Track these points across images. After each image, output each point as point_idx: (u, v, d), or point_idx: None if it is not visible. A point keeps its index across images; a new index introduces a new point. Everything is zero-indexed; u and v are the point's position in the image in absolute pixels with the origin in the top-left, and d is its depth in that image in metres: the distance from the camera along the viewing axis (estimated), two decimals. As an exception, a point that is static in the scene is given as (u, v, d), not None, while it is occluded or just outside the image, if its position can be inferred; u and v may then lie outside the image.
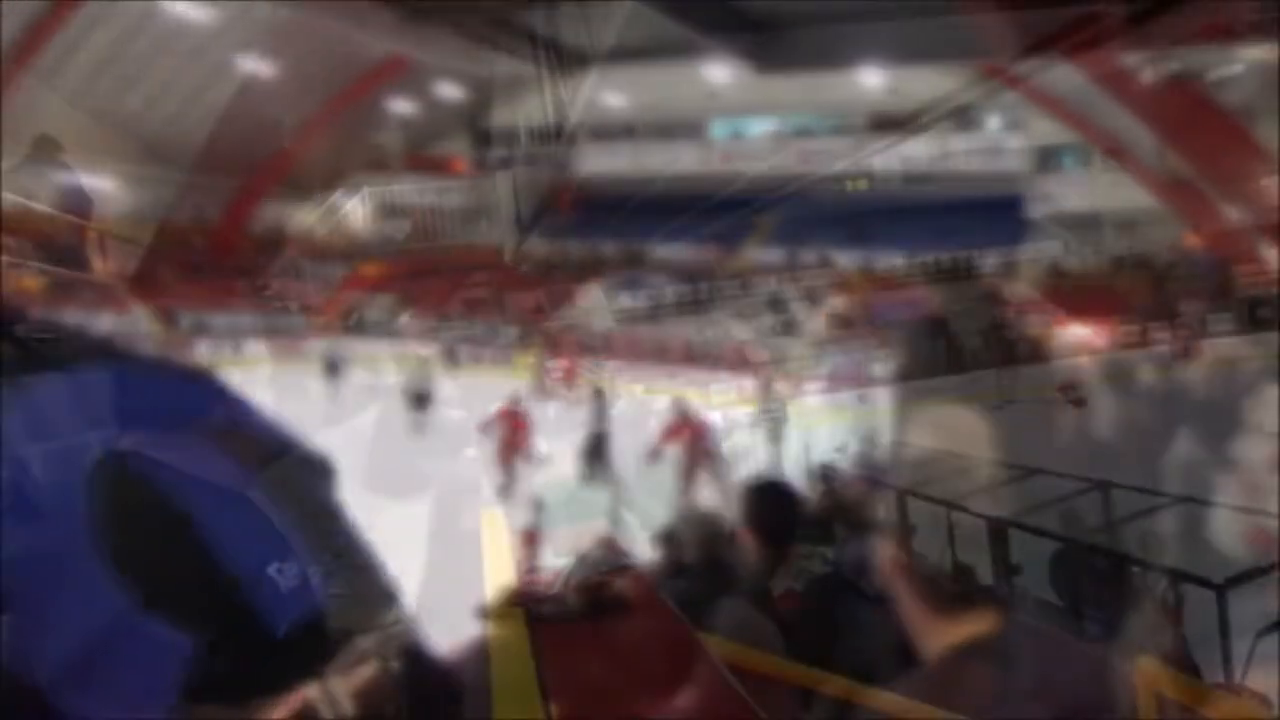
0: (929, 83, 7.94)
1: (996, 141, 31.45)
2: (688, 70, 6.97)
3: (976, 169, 32.83)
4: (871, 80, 7.65)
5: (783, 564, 2.86)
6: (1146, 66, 18.35)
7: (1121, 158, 25.64)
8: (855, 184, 33.65)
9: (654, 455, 7.36)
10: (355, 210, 13.35)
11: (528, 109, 9.63)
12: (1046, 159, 31.55)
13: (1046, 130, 28.66)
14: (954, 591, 1.63)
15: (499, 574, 2.35)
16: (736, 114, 8.35)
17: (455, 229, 13.97)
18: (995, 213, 31.18)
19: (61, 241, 6.00)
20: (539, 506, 3.48)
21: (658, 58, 6.63)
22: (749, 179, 11.22)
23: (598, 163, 9.52)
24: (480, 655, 1.81)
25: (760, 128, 8.82)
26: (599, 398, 9.51)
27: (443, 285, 18.29)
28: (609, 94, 7.07)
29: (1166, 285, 24.38)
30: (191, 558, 1.16)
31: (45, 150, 6.37)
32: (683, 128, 8.59)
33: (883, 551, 3.09)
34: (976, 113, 24.68)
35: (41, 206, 5.75)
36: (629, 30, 6.04)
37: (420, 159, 13.77)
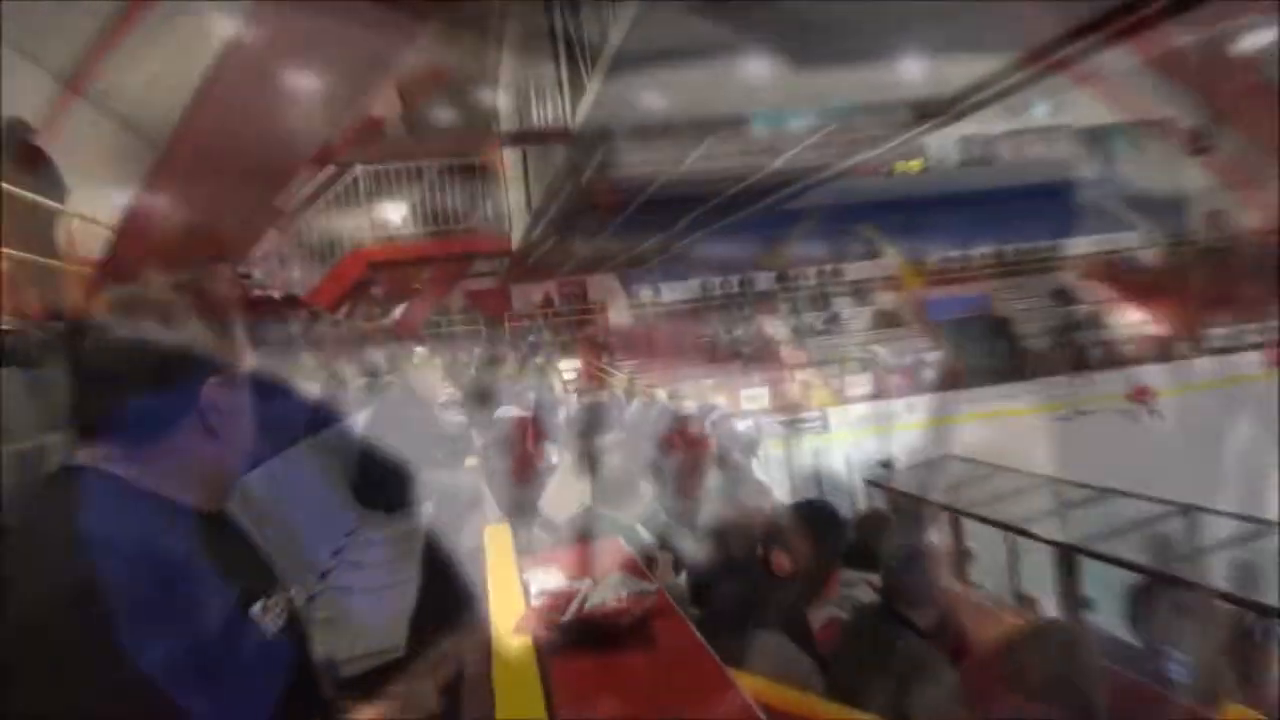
0: (974, 68, 7.94)
1: (1050, 125, 31.13)
2: (725, 67, 7.08)
3: (1038, 153, 32.53)
4: (915, 69, 7.73)
5: (824, 591, 2.84)
6: (1199, 46, 18.26)
7: (1178, 139, 25.46)
8: (907, 167, 33.47)
9: (657, 472, 7.31)
10: (347, 192, 13.40)
11: (544, 101, 9.63)
12: (1099, 142, 31.22)
13: (1098, 113, 28.31)
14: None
15: (504, 598, 2.34)
16: (777, 109, 8.42)
17: (457, 213, 13.98)
18: (1061, 200, 30.88)
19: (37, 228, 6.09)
20: (592, 520, 3.46)
21: (692, 56, 6.72)
22: (790, 167, 11.15)
23: (634, 159, 9.56)
24: (484, 687, 1.80)
25: (803, 121, 8.85)
26: (593, 411, 9.46)
27: (443, 275, 18.32)
28: (645, 93, 7.20)
29: (1253, 278, 23.99)
30: (165, 600, 1.14)
31: (16, 132, 6.44)
32: (722, 124, 8.68)
33: (940, 581, 3.06)
34: (1026, 97, 24.54)
35: (18, 191, 5.84)
36: (661, 27, 6.17)
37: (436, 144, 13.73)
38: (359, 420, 5.38)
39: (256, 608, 1.20)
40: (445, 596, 3.80)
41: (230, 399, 1.24)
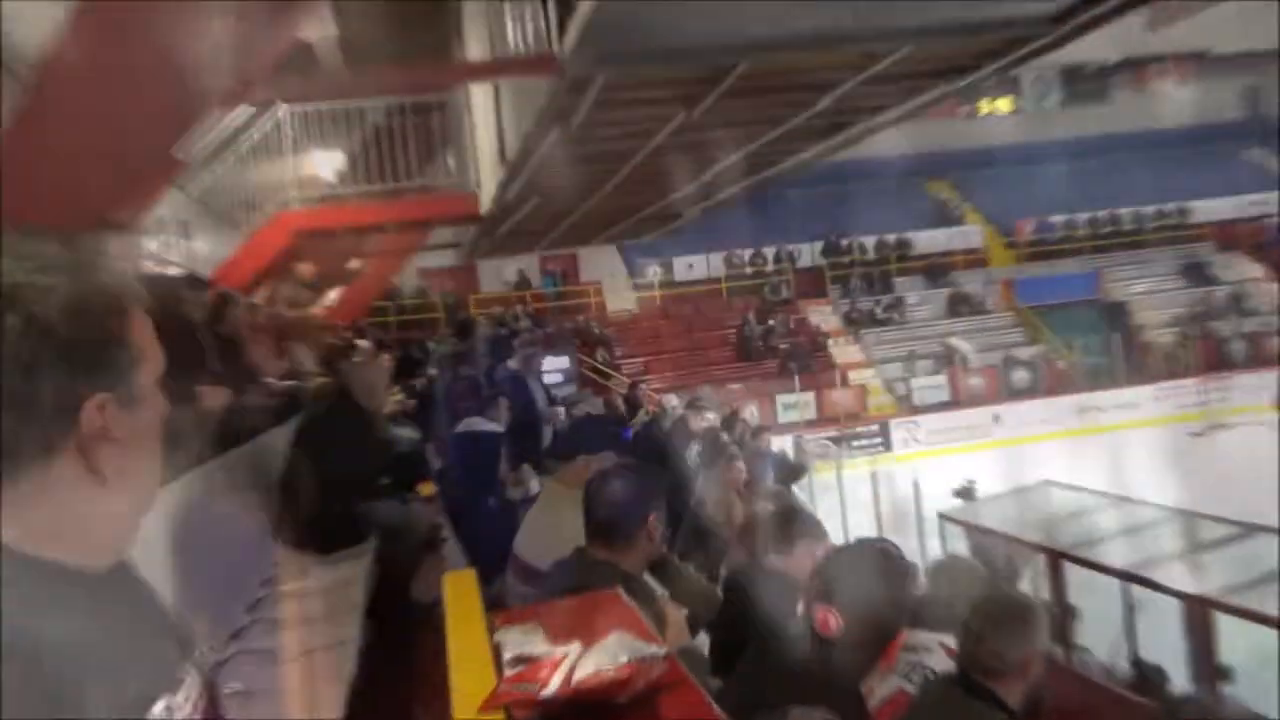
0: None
1: (1183, 52, 31.02)
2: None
3: (1166, 88, 32.43)
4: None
5: (883, 658, 2.84)
6: None
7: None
8: (994, 107, 33.40)
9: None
10: (267, 139, 13.43)
11: (523, 22, 9.66)
12: (1246, 73, 30.99)
13: (1245, 35, 28.13)
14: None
15: (469, 665, 2.34)
16: (828, 28, 8.49)
17: (410, 164, 14.01)
18: (1195, 149, 30.82)
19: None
20: (584, 565, 3.46)
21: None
22: (844, 106, 11.14)
23: (641, 95, 9.66)
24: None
25: (862, 44, 8.90)
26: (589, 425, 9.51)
27: (391, 247, 18.33)
28: (654, 8, 7.35)
29: None
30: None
31: None
32: (756, 48, 8.75)
33: (1034, 644, 3.06)
34: (1150, 15, 24.36)
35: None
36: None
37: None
38: (281, 436, 5.39)
39: (158, 709, 1.17)
40: (394, 662, 3.80)
41: (125, 424, 1.17)
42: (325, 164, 14.16)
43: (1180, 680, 6.26)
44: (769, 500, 8.91)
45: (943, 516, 9.74)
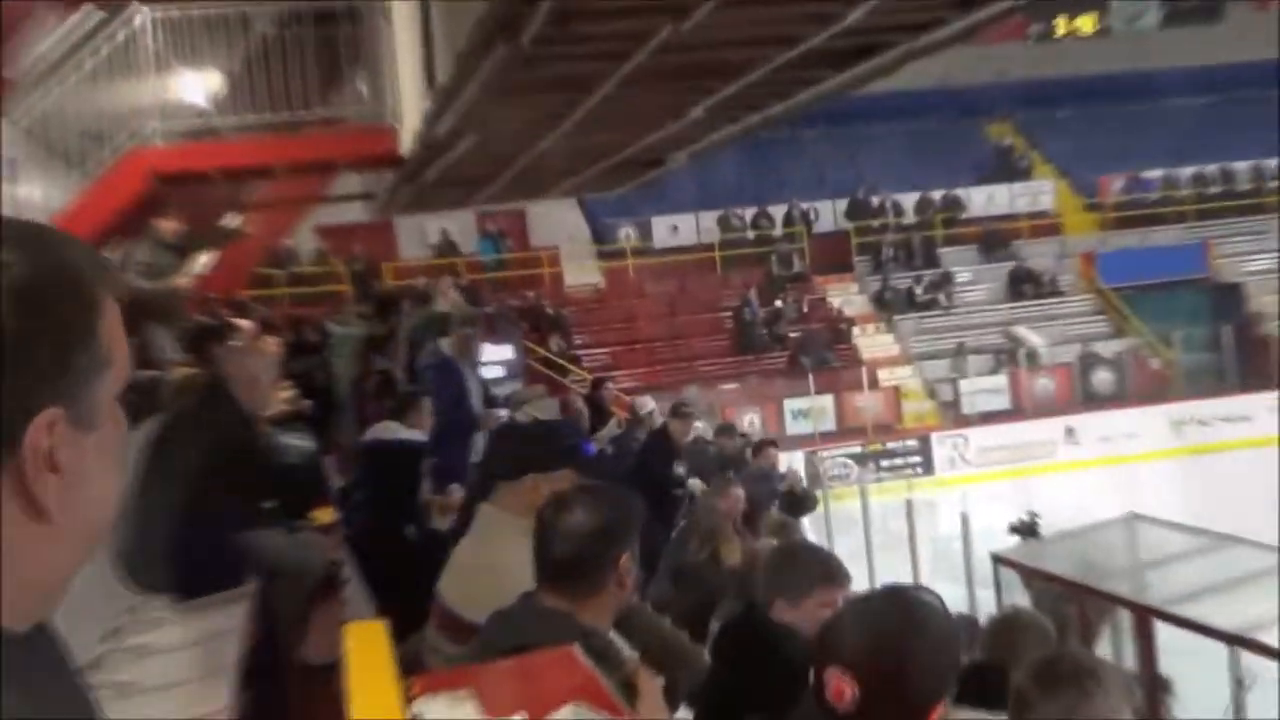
0: None
1: None
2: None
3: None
4: None
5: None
6: None
7: None
8: (1073, 27, 33.58)
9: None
10: (120, 53, 13.36)
11: None
12: None
13: None
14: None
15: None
16: None
17: (309, 89, 13.96)
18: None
19: None
20: (532, 617, 3.47)
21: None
22: (878, 21, 11.18)
23: (614, 2, 9.64)
24: None
25: None
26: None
27: (283, 198, 18.26)
28: None
29: None
30: None
31: None
32: None
33: (1087, 716, 3.08)
34: None
35: None
36: None
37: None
38: (133, 442, 5.36)
39: None
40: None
41: (76, 448, 1.15)
42: (196, 86, 14.08)
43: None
44: (774, 534, 9.01)
45: (997, 559, 9.79)
